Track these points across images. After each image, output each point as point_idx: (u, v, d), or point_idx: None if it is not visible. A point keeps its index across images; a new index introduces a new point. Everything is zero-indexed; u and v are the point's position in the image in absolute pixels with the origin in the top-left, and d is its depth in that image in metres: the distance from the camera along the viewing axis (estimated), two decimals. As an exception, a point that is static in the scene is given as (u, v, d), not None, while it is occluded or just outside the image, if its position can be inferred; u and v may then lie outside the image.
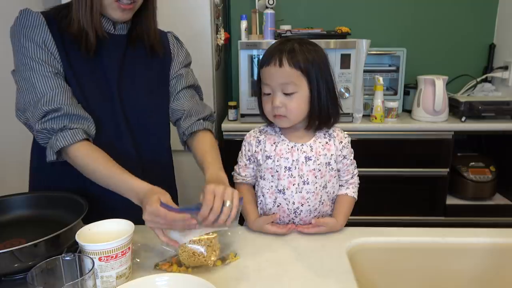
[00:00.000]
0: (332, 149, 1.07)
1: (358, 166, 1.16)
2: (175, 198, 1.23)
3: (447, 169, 2.23)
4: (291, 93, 0.99)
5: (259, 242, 0.98)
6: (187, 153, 1.95)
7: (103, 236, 0.81)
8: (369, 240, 1.00)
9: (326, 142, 1.07)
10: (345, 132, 1.13)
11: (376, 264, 1.00)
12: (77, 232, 0.80)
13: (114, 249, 0.77)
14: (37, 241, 0.76)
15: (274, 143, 1.08)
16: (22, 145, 1.71)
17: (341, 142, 1.09)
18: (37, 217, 0.99)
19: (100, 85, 1.05)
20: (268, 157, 1.08)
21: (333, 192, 1.11)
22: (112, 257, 0.77)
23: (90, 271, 0.66)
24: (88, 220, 0.86)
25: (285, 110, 1.00)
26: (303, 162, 1.05)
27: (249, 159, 1.12)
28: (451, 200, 2.33)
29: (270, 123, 1.09)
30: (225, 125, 2.21)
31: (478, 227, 1.04)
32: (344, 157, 1.10)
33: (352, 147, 1.14)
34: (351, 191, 1.12)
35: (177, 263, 0.87)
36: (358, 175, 1.15)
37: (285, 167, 1.06)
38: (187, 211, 0.84)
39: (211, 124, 1.21)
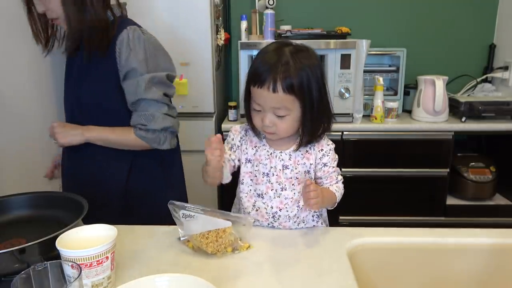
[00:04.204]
0: (312, 158, 1.05)
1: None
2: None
3: (447, 169, 2.23)
4: (282, 115, 0.96)
5: (259, 243, 0.98)
6: (191, 153, 1.94)
7: (87, 242, 0.77)
8: (369, 240, 1.00)
9: (306, 151, 1.05)
10: (329, 139, 1.10)
11: (376, 264, 1.00)
12: (61, 236, 0.77)
13: (89, 257, 0.73)
14: (37, 241, 0.76)
15: (255, 147, 1.08)
16: (21, 145, 1.71)
17: (322, 150, 1.06)
18: (37, 217, 0.99)
19: (68, 87, 1.24)
20: (248, 161, 1.08)
21: None
22: (86, 265, 0.73)
23: (75, 280, 0.63)
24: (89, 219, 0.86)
25: (275, 128, 0.98)
26: (280, 170, 1.05)
27: (231, 147, 1.11)
28: (451, 201, 2.33)
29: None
30: (225, 125, 2.21)
31: (478, 228, 1.04)
32: (325, 164, 1.06)
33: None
34: (334, 188, 1.07)
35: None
36: (343, 182, 1.10)
37: (263, 173, 1.06)
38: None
39: (148, 135, 1.17)
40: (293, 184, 1.05)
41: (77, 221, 0.85)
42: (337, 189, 1.07)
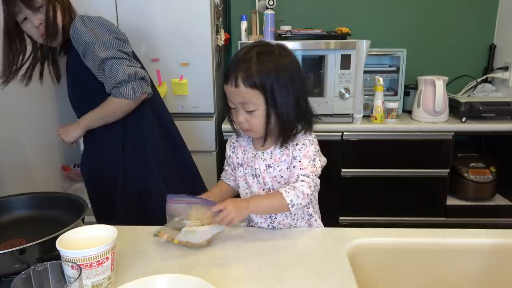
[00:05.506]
0: (290, 153, 1.04)
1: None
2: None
3: (448, 170, 2.23)
4: (252, 110, 0.97)
5: (259, 244, 0.98)
6: (191, 153, 1.94)
7: (87, 242, 0.77)
8: (370, 241, 1.00)
9: (286, 147, 1.04)
10: (311, 135, 1.05)
11: (376, 265, 1.00)
12: (61, 236, 0.77)
13: (89, 257, 0.73)
14: (37, 241, 0.76)
15: (244, 150, 1.10)
16: (21, 146, 1.71)
17: (297, 144, 1.02)
18: (37, 218, 1.00)
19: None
20: (239, 165, 1.10)
21: None
22: (86, 266, 0.73)
23: (75, 280, 0.64)
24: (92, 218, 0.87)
25: (248, 125, 1.00)
26: (264, 170, 1.05)
27: (227, 162, 1.16)
28: (451, 201, 2.33)
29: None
30: (225, 126, 2.21)
31: (479, 228, 1.04)
32: (294, 158, 1.02)
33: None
34: (284, 189, 0.99)
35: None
36: (308, 188, 0.99)
37: (252, 175, 1.08)
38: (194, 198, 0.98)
39: (122, 89, 1.28)
40: (279, 182, 1.05)
41: (77, 221, 0.85)
42: (289, 190, 0.98)
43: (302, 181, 0.99)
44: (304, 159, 1.01)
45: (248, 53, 0.97)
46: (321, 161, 1.04)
